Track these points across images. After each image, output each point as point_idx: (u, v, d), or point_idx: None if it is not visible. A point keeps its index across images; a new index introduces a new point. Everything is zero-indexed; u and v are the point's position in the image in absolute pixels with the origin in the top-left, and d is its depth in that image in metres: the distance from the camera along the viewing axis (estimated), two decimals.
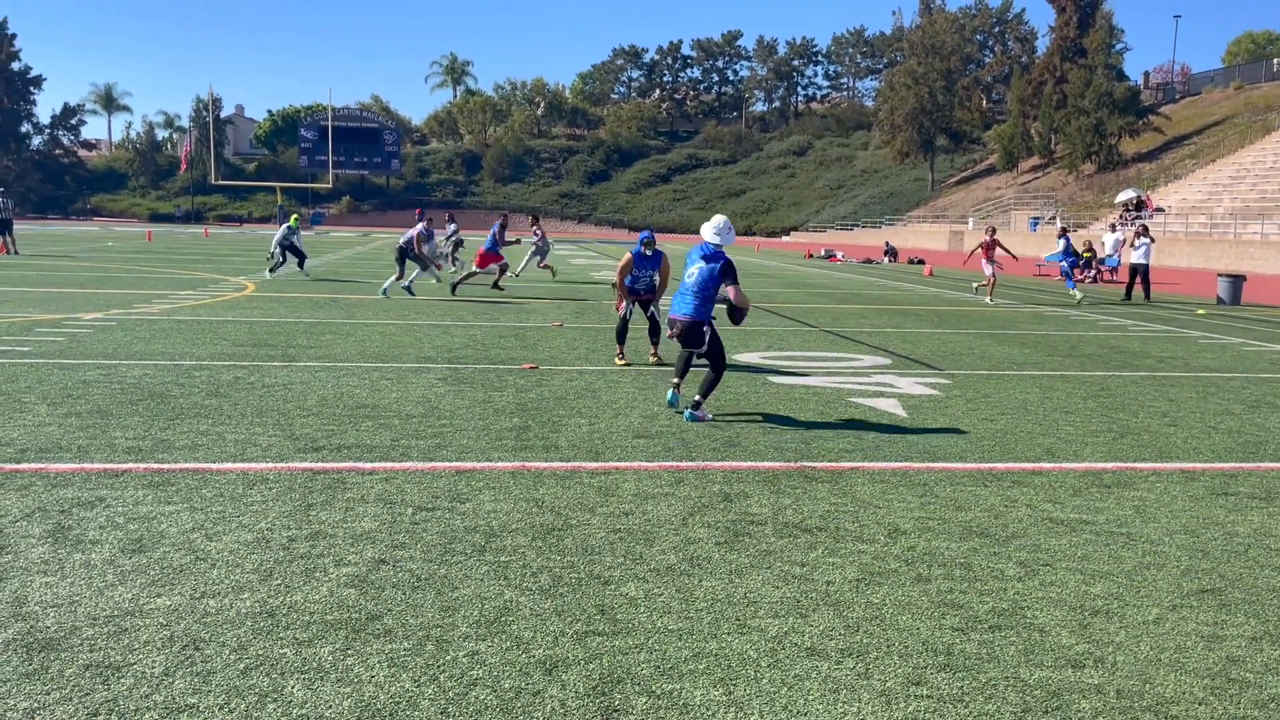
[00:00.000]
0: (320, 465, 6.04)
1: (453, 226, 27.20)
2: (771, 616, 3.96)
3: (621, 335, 10.78)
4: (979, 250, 20.89)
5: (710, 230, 8.11)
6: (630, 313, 10.62)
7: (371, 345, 11.53)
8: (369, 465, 6.07)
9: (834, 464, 6.45)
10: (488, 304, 17.12)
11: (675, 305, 8.05)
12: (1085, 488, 6.06)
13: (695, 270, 8.03)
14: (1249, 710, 3.30)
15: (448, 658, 3.52)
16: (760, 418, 7.86)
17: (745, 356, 11.42)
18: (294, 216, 24.73)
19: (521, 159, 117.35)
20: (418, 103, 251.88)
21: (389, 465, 6.09)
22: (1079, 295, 21.25)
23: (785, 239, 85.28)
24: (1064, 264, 22.35)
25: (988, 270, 20.55)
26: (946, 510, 5.50)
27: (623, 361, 10.58)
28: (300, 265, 23.69)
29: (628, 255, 10.51)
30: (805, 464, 6.42)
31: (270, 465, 6.01)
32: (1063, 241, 22.77)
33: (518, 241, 23.38)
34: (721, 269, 7.94)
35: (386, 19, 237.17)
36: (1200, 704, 3.34)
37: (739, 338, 13.17)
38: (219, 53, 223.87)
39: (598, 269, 30.65)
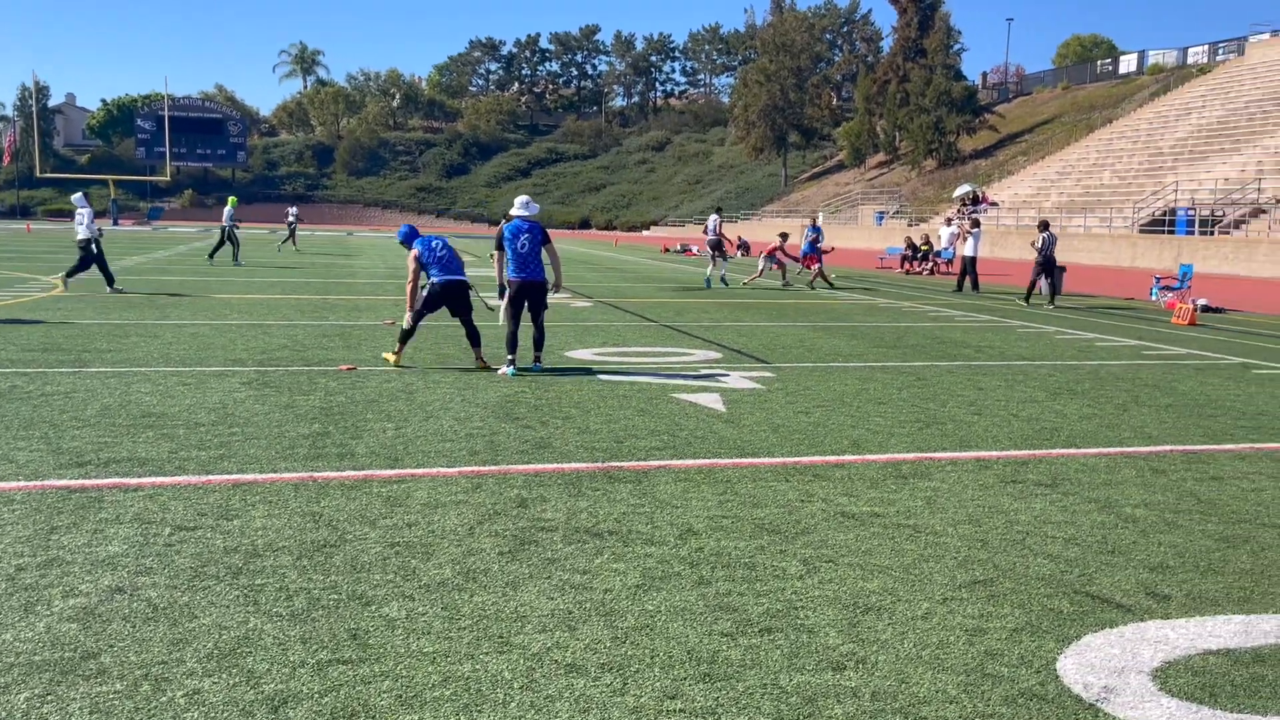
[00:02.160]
0: (79, 483, 5.53)
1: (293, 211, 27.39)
2: (538, 631, 3.77)
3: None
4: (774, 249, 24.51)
5: (521, 208, 9.95)
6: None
7: (179, 348, 10.84)
8: (134, 481, 5.60)
9: (640, 463, 6.33)
10: (318, 301, 16.44)
11: (521, 270, 9.79)
12: (883, 479, 6.11)
13: (526, 240, 9.80)
14: (998, 707, 3.29)
15: (163, 699, 3.18)
16: (578, 416, 7.69)
17: (579, 353, 11.26)
18: (232, 199, 26.75)
19: (376, 151, 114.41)
20: (266, 93, 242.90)
21: (158, 480, 5.63)
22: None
23: (645, 233, 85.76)
24: (802, 250, 24.14)
25: (762, 263, 24.52)
26: (743, 507, 5.44)
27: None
28: (235, 256, 25.20)
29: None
30: (611, 464, 6.28)
31: (20, 484, 5.47)
32: (812, 232, 24.21)
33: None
34: (544, 234, 9.95)
35: (230, 4, 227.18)
36: (952, 702, 3.31)
37: (575, 335, 13.02)
38: (48, 37, 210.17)
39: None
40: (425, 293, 9.85)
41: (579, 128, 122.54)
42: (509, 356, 9.69)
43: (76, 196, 17.80)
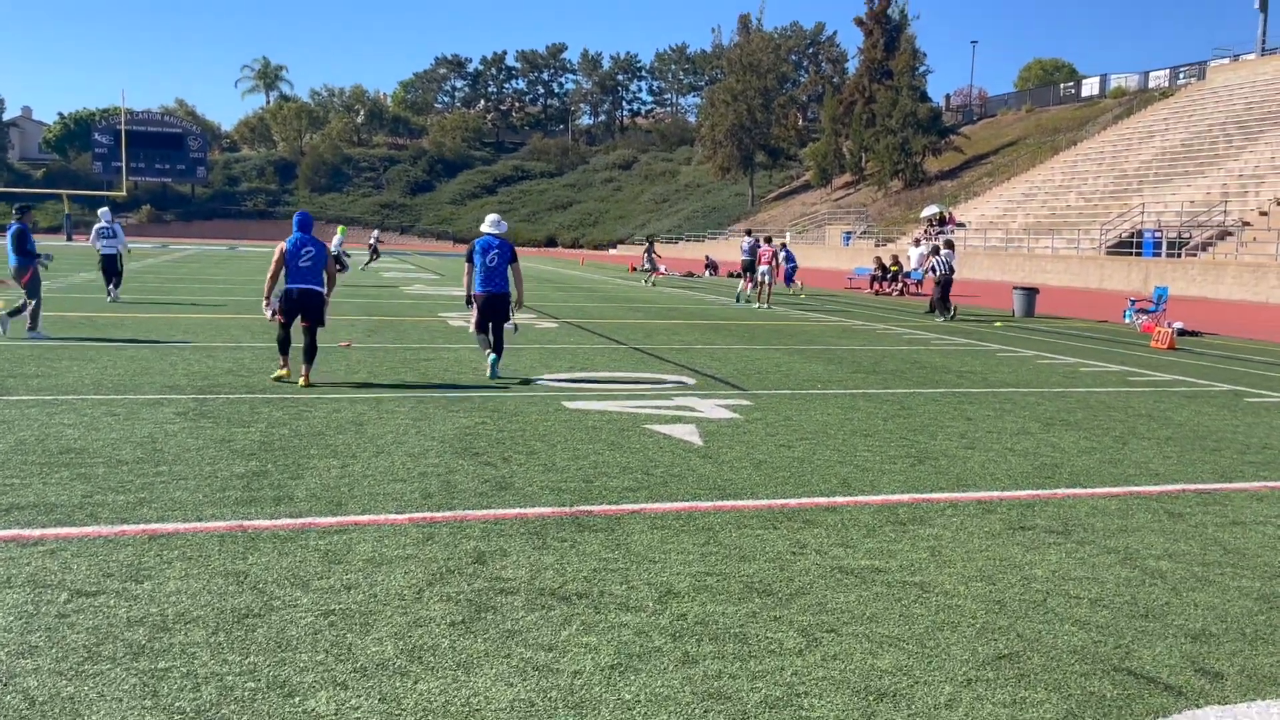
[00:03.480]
0: None
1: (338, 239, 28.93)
2: None
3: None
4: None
5: (492, 225, 10.70)
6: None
7: (113, 372, 10.10)
8: (35, 533, 4.91)
9: (613, 507, 5.75)
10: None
11: (487, 284, 10.50)
12: (880, 525, 5.56)
13: (495, 255, 10.52)
14: None
15: None
16: (543, 451, 7.09)
17: (545, 379, 10.67)
18: (341, 228, 29.74)
19: (339, 168, 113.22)
20: (227, 108, 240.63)
21: (62, 531, 4.95)
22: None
23: (612, 251, 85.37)
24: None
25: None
26: (729, 561, 4.86)
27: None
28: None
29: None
30: (581, 509, 5.68)
31: None
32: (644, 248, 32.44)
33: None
34: (512, 252, 10.68)
35: (192, 19, 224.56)
36: None
37: (541, 358, 12.44)
38: (2, 49, 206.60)
39: (409, 283, 29.30)
40: (280, 300, 9.88)
41: (545, 145, 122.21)
42: (487, 352, 10.80)
43: (103, 211, 19.85)
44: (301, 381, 9.68)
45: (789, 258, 28.78)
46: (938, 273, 21.62)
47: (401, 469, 6.47)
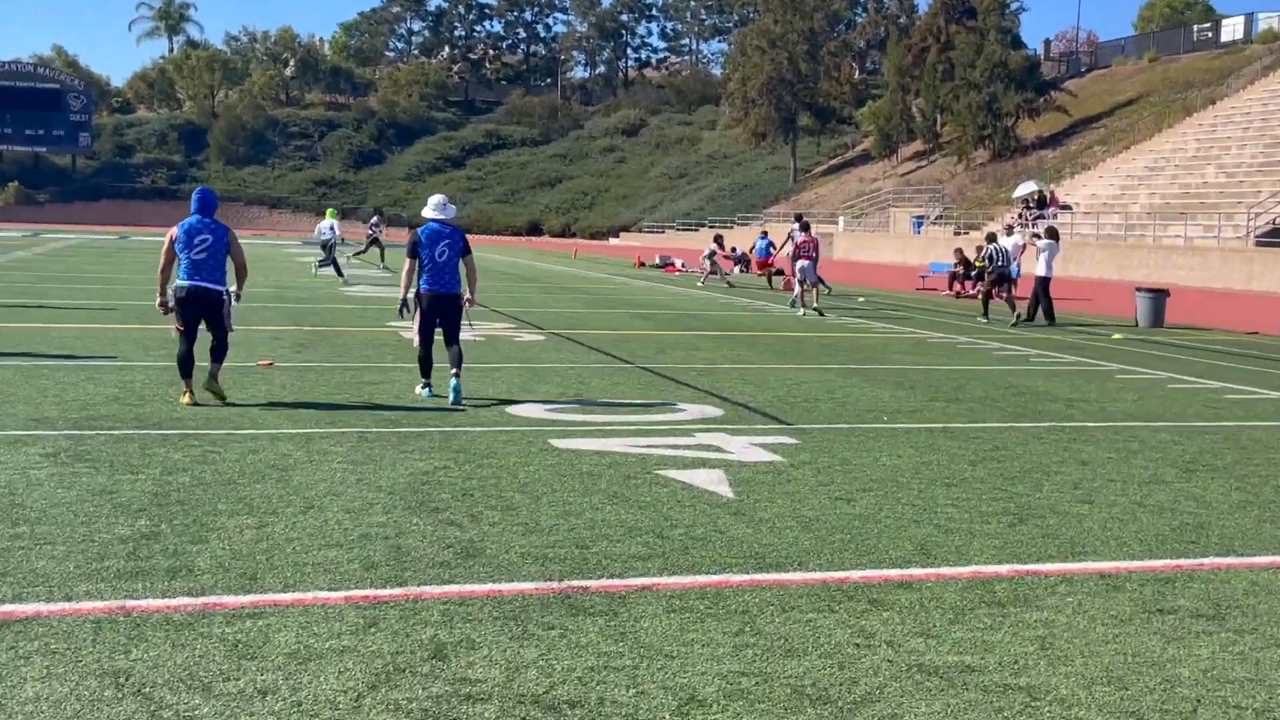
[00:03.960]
0: None
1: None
2: None
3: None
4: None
5: (436, 209, 10.96)
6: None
7: None
8: None
9: (617, 581, 5.67)
10: (171, 332, 15.66)
11: (436, 283, 10.69)
12: (970, 607, 5.45)
13: (445, 247, 10.72)
14: None
15: None
16: (524, 506, 7.00)
17: (525, 408, 10.64)
18: (330, 210, 31.80)
19: (263, 134, 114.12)
20: (119, 58, 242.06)
21: None
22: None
23: (613, 241, 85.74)
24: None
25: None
26: (771, 657, 4.74)
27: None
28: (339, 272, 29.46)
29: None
30: (572, 584, 5.59)
31: None
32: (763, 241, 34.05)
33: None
34: (465, 242, 10.96)
35: None
36: None
37: (520, 381, 12.48)
38: None
39: (350, 281, 29.33)
40: (173, 300, 10.25)
41: (528, 105, 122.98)
42: (424, 380, 10.99)
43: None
44: (202, 382, 10.13)
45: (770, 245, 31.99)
46: (994, 264, 22.84)
47: (336, 530, 6.38)
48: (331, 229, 29.82)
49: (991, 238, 24.24)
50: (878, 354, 16.49)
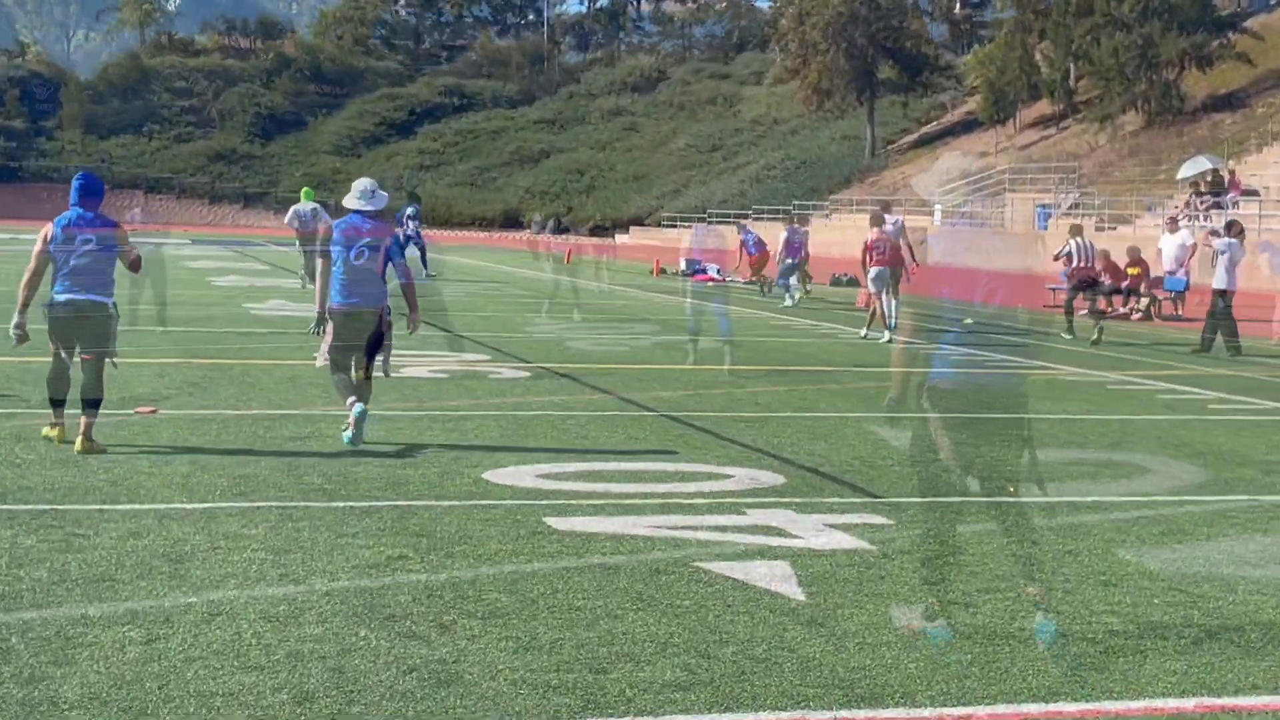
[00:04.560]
0: None
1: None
2: None
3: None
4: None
5: (361, 198, 11.43)
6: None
7: None
8: None
9: None
10: (13, 368, 15.74)
11: (351, 293, 11.24)
12: None
13: (366, 248, 11.29)
14: None
15: None
16: (514, 613, 7.01)
17: (508, 475, 10.66)
18: (306, 190, 33.73)
19: (135, 89, 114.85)
20: None
21: None
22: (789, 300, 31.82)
23: (623, 239, 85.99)
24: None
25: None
26: None
27: None
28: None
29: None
30: None
31: None
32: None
33: None
34: (396, 241, 11.66)
35: None
36: None
37: (500, 434, 12.67)
38: None
39: (260, 294, 29.46)
40: (47, 317, 10.60)
41: (502, 53, 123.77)
42: (351, 400, 11.35)
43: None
44: (78, 444, 10.26)
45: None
46: (1075, 262, 24.46)
47: (255, 646, 6.37)
48: (314, 214, 30.22)
49: (1076, 230, 25.16)
50: (996, 398, 16.47)
